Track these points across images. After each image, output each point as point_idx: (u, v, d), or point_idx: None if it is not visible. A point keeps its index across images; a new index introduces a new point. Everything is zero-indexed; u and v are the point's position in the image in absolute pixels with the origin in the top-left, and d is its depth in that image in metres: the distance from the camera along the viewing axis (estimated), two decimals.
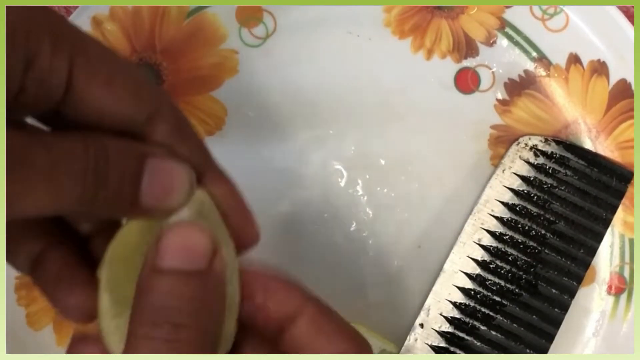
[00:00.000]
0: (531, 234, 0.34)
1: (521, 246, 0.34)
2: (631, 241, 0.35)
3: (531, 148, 0.35)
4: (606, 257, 0.35)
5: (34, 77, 0.18)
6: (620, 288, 0.35)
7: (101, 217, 0.22)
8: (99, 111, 0.19)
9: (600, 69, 0.35)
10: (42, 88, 0.18)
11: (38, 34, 0.18)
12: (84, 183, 0.18)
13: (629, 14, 0.35)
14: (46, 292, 0.21)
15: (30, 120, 0.20)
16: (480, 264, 0.34)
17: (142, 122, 0.20)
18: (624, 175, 0.34)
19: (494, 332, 0.34)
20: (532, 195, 0.34)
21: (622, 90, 0.35)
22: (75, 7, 0.34)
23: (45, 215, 0.18)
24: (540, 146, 0.35)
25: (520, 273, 0.34)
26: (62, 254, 0.21)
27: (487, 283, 0.34)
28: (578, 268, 0.34)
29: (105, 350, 0.20)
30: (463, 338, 0.34)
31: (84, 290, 0.21)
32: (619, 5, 0.34)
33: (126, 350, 0.19)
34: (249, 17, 0.36)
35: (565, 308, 0.34)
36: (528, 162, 0.35)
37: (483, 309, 0.34)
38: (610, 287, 0.35)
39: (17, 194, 0.16)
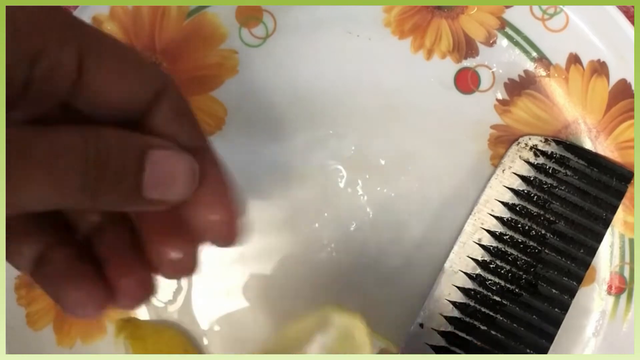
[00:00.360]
0: (531, 234, 0.34)
1: (521, 246, 0.34)
2: (631, 241, 0.35)
3: (531, 148, 0.35)
4: (606, 257, 0.35)
5: (41, 73, 0.18)
6: (620, 288, 0.35)
7: (106, 209, 0.21)
8: (108, 96, 0.19)
9: (600, 69, 0.35)
10: (49, 82, 0.18)
11: (43, 29, 0.18)
12: (84, 174, 0.17)
13: (629, 14, 0.35)
14: (48, 289, 0.21)
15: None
16: (480, 264, 0.34)
17: (148, 103, 0.20)
18: (624, 175, 0.34)
19: (494, 332, 0.34)
20: (532, 195, 0.34)
21: (622, 90, 0.35)
22: (75, 7, 0.34)
23: (48, 208, 0.17)
24: (540, 146, 0.35)
25: (520, 273, 0.34)
26: (66, 252, 0.21)
27: (487, 283, 0.34)
28: (578, 268, 0.34)
29: None
30: (463, 338, 0.34)
31: (88, 285, 0.20)
32: (619, 5, 0.34)
33: None
34: (249, 17, 0.36)
35: (565, 308, 0.34)
36: (528, 162, 0.35)
37: (483, 309, 0.34)
38: (610, 287, 0.35)
39: (17, 186, 0.16)
